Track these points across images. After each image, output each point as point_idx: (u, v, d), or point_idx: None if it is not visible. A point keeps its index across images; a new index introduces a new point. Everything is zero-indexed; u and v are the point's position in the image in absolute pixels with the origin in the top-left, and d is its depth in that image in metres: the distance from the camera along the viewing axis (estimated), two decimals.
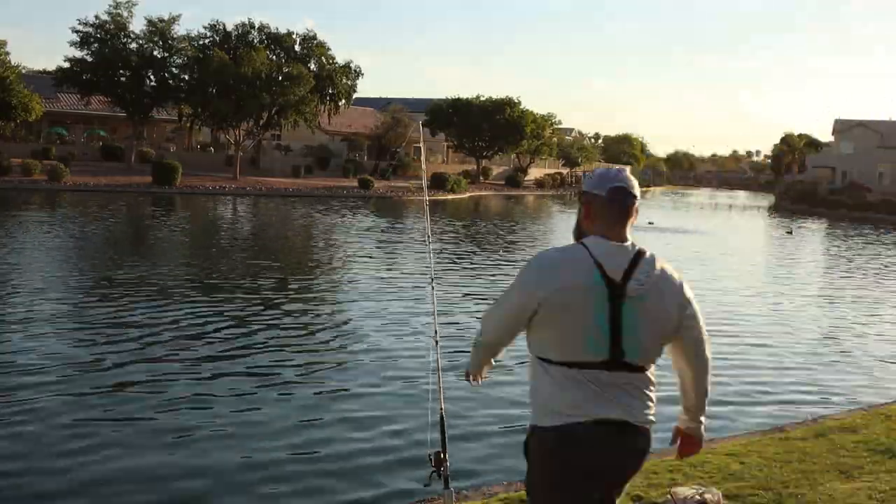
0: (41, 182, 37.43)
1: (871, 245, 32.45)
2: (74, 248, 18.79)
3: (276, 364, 9.30)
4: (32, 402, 7.53)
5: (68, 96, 51.85)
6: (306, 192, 44.40)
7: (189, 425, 7.18)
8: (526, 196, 60.78)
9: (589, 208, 2.81)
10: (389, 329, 11.42)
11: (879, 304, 16.91)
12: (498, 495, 5.55)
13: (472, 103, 64.62)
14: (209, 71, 44.28)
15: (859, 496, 5.19)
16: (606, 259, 2.68)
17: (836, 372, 10.46)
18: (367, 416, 7.65)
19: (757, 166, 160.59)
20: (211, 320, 11.42)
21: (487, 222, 33.66)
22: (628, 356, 2.71)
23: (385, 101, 74.11)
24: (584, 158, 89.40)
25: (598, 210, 2.78)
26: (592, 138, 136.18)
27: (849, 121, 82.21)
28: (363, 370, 9.26)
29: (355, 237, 24.87)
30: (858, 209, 55.47)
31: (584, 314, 2.65)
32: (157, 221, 27.27)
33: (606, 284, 2.65)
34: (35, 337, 9.90)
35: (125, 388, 8.14)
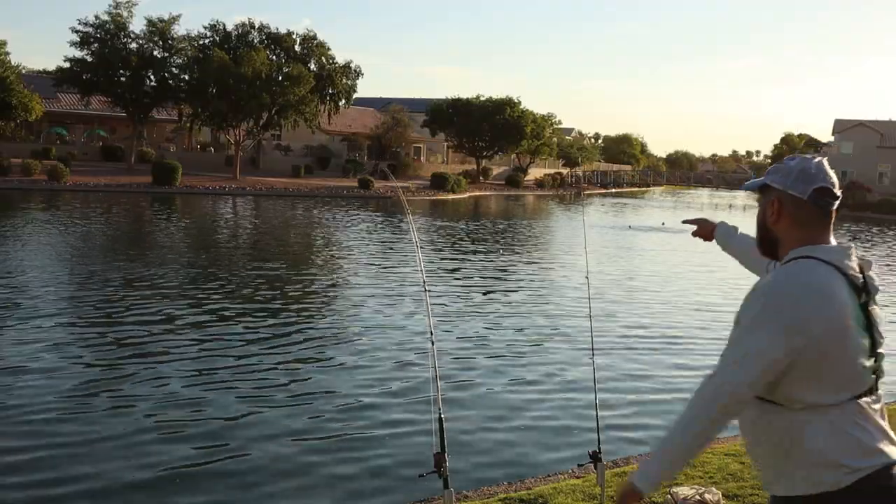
0: (41, 182, 37.44)
1: (871, 245, 32.45)
2: (74, 247, 18.78)
3: (275, 364, 9.30)
4: (33, 402, 7.53)
5: (68, 96, 51.87)
6: (306, 192, 44.41)
7: (188, 425, 7.18)
8: (526, 196, 60.77)
9: (780, 212, 2.33)
10: (389, 329, 11.41)
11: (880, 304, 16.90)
12: (498, 495, 5.55)
13: (472, 103, 64.62)
14: (209, 71, 44.28)
15: None
16: (841, 262, 2.23)
17: None
18: (367, 417, 7.65)
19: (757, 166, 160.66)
20: (210, 320, 11.42)
21: (487, 222, 33.66)
22: (882, 367, 2.25)
23: (385, 101, 74.12)
24: (584, 158, 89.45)
25: (796, 210, 2.31)
26: (592, 138, 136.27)
27: (849, 121, 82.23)
28: (362, 370, 9.25)
29: (355, 237, 24.86)
30: (859, 209, 55.50)
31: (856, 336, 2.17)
32: (157, 221, 27.26)
33: (854, 289, 2.20)
34: (35, 336, 9.89)
35: (125, 388, 8.13)
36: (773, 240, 2.37)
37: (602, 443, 4.70)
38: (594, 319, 8.51)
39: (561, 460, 6.54)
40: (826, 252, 2.23)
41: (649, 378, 9.48)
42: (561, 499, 5.25)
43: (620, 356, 10.44)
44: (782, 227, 2.33)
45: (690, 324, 13.06)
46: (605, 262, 20.66)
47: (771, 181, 2.34)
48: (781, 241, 2.35)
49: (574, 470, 5.96)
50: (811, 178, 2.28)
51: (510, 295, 15.09)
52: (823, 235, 2.29)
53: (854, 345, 2.15)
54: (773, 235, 2.36)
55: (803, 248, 2.26)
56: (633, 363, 10.14)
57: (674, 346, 11.32)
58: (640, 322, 12.89)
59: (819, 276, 2.17)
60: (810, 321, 2.12)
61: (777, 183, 2.32)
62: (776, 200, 2.32)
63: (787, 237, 2.33)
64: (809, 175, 2.29)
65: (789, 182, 2.30)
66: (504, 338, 11.30)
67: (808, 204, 2.28)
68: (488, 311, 13.34)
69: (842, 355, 2.15)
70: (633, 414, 8.11)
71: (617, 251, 24.36)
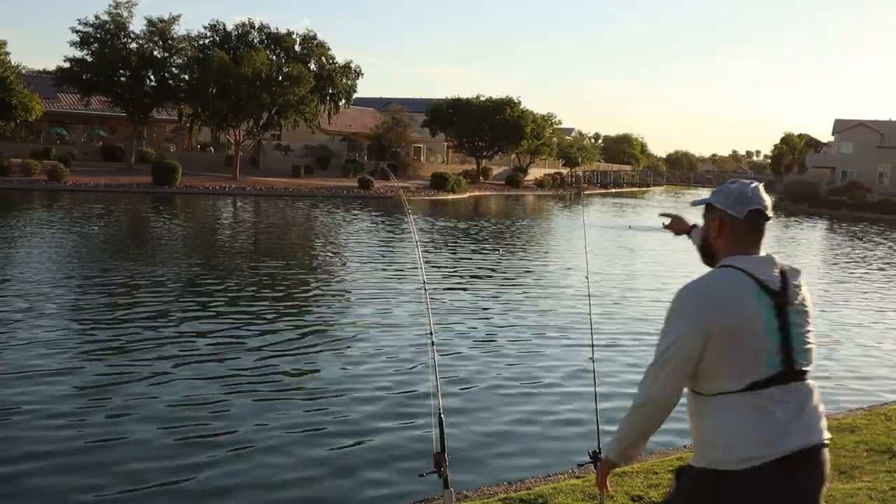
0: (41, 182, 37.44)
1: (872, 245, 32.44)
2: (75, 248, 18.78)
3: (275, 364, 9.30)
4: (32, 400, 7.53)
5: (68, 96, 51.87)
6: (306, 192, 44.40)
7: (187, 424, 7.18)
8: (526, 196, 60.76)
9: (721, 228, 2.69)
10: (389, 329, 11.41)
11: (881, 304, 16.90)
12: (498, 495, 5.54)
13: (472, 103, 64.62)
14: (209, 71, 44.28)
15: (859, 496, 5.19)
16: (760, 271, 2.56)
17: (837, 372, 10.45)
18: (367, 417, 7.65)
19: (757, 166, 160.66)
20: (210, 320, 11.42)
21: (487, 222, 33.65)
22: (798, 363, 2.57)
23: (385, 101, 74.12)
24: (584, 158, 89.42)
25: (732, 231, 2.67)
26: (592, 138, 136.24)
27: (849, 121, 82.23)
28: (362, 371, 9.25)
29: (355, 237, 24.87)
30: (859, 209, 55.49)
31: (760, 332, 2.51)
32: (157, 222, 27.26)
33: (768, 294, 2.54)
34: (35, 336, 9.90)
35: (125, 387, 8.13)
36: (712, 253, 2.74)
37: (602, 443, 4.69)
38: (594, 319, 8.50)
39: (561, 460, 6.54)
40: (744, 262, 2.58)
41: None
42: (561, 499, 5.25)
43: (620, 355, 10.44)
44: (721, 242, 2.69)
45: None
46: (606, 262, 20.66)
47: (714, 201, 2.70)
48: (718, 253, 2.71)
49: (574, 470, 5.96)
50: (748, 200, 2.64)
51: (510, 295, 15.09)
52: (753, 248, 2.64)
53: (754, 340, 2.49)
54: (712, 249, 2.74)
55: (727, 258, 2.63)
56: (632, 362, 10.14)
57: None
58: (639, 321, 12.88)
59: (723, 281, 2.56)
60: (711, 319, 2.49)
61: (719, 203, 2.68)
62: (718, 219, 2.69)
63: (722, 249, 2.69)
64: (746, 198, 2.65)
65: (729, 203, 2.66)
66: (504, 337, 11.30)
67: (744, 223, 2.64)
68: (488, 310, 13.34)
69: (741, 349, 2.49)
70: None
71: (617, 251, 24.36)
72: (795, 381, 2.56)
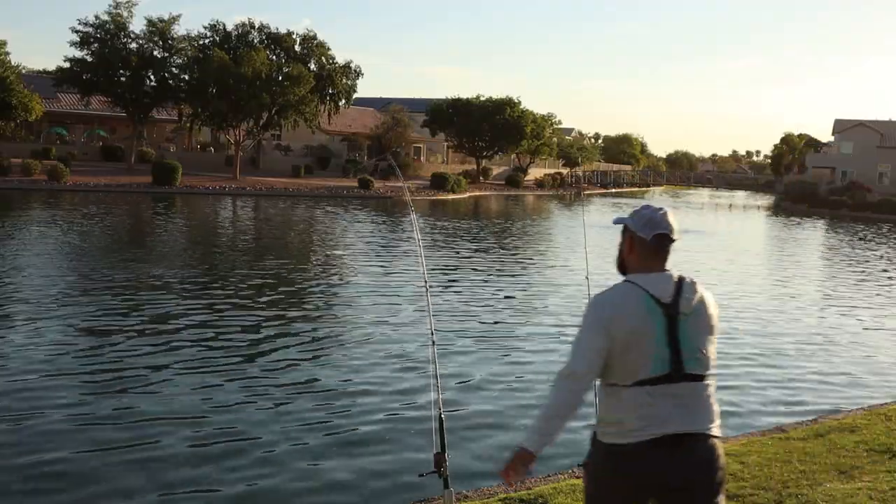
0: (41, 182, 37.44)
1: (872, 246, 32.44)
2: (75, 248, 18.78)
3: (275, 363, 9.30)
4: (32, 400, 7.54)
5: (68, 96, 51.87)
6: (306, 192, 44.40)
7: (187, 424, 7.18)
8: (526, 196, 60.76)
9: (632, 246, 3.16)
10: (389, 329, 11.41)
11: (881, 304, 16.90)
12: (498, 495, 5.55)
13: (472, 103, 64.60)
14: (209, 71, 44.27)
15: (859, 496, 5.19)
16: (653, 287, 3.01)
17: (837, 372, 10.46)
18: (366, 417, 7.65)
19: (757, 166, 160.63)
20: (210, 320, 11.42)
21: (487, 222, 33.66)
22: (687, 367, 2.97)
23: (385, 101, 74.10)
24: (584, 158, 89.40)
25: (640, 249, 3.13)
26: (592, 138, 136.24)
27: (849, 121, 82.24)
28: (362, 370, 9.25)
29: (355, 238, 24.87)
30: (859, 209, 55.47)
31: (646, 339, 2.95)
32: (157, 222, 27.26)
33: (660, 306, 2.97)
34: (35, 336, 9.90)
35: (125, 387, 8.14)
36: (625, 265, 3.21)
37: None
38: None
39: (561, 461, 6.53)
40: (642, 279, 3.05)
41: None
42: (561, 499, 5.25)
43: None
44: (632, 258, 3.15)
45: None
46: (606, 262, 20.62)
47: (628, 223, 3.17)
48: (629, 267, 3.17)
49: (574, 470, 5.96)
50: (655, 225, 3.08)
51: (510, 294, 15.09)
52: (657, 265, 3.09)
53: (644, 345, 2.93)
54: (625, 262, 3.21)
55: (631, 275, 3.11)
56: None
57: None
58: None
59: (619, 294, 3.05)
60: (611, 321, 2.97)
61: (632, 225, 3.14)
62: (630, 238, 3.16)
63: (632, 264, 3.15)
64: (654, 223, 3.09)
65: (639, 227, 3.11)
66: (504, 337, 11.30)
67: (650, 243, 3.08)
68: (488, 310, 13.34)
69: (631, 353, 2.94)
70: None
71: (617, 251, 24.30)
72: (685, 381, 2.95)
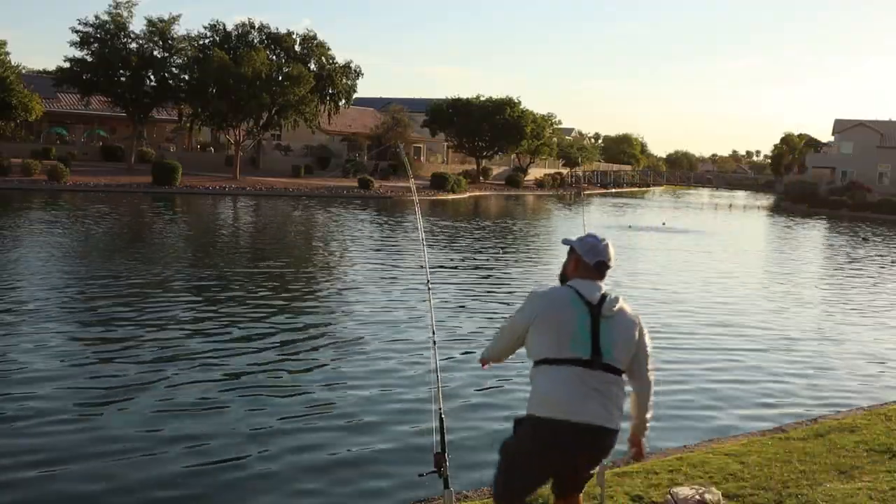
0: (41, 182, 37.42)
1: (872, 245, 32.45)
2: (75, 248, 18.78)
3: (275, 364, 9.30)
4: (33, 399, 7.54)
5: (68, 96, 51.86)
6: (306, 192, 44.40)
7: (188, 425, 7.18)
8: (526, 196, 60.76)
9: (577, 266, 3.85)
10: (389, 330, 11.42)
11: (881, 303, 16.90)
12: None
13: (472, 103, 64.60)
14: (209, 71, 44.26)
15: (859, 496, 5.19)
16: (585, 290, 3.71)
17: (837, 372, 10.46)
18: (367, 417, 7.65)
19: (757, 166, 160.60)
20: (210, 321, 11.42)
21: (488, 222, 33.66)
22: (605, 357, 3.58)
23: (385, 101, 74.09)
24: (584, 158, 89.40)
25: (582, 269, 3.83)
26: (592, 138, 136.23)
27: (849, 121, 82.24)
28: (362, 369, 9.25)
29: (355, 238, 24.86)
30: (859, 209, 55.46)
31: (570, 323, 3.61)
32: (158, 222, 27.25)
33: (586, 304, 3.65)
34: (35, 336, 9.90)
35: (126, 388, 8.14)
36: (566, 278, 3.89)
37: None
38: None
39: None
40: (577, 283, 3.77)
41: None
42: None
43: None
44: (575, 274, 3.84)
45: (688, 322, 13.06)
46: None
47: (576, 246, 3.88)
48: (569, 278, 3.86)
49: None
50: (598, 253, 3.84)
51: (510, 294, 15.08)
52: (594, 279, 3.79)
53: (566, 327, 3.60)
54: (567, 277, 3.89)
55: (570, 281, 3.82)
56: None
57: (671, 344, 11.31)
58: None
59: (554, 290, 3.80)
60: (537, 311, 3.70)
61: (578, 249, 3.87)
62: (575, 259, 3.88)
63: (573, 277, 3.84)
64: (597, 251, 3.84)
65: (584, 252, 3.85)
66: None
67: (591, 267, 3.81)
68: (488, 310, 13.34)
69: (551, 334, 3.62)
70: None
71: (617, 251, 24.29)
72: (603, 371, 3.56)
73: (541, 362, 3.63)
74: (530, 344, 3.73)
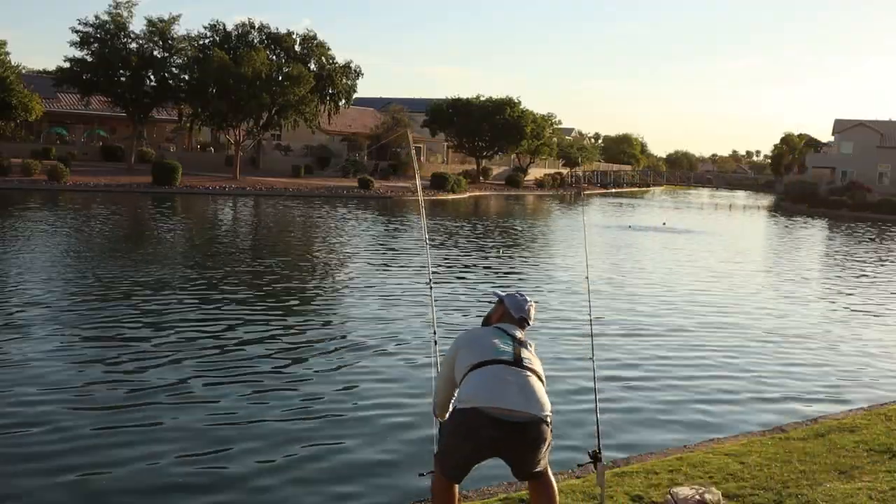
0: (41, 182, 37.43)
1: (872, 245, 32.45)
2: (74, 247, 18.78)
3: (275, 363, 9.30)
4: (32, 400, 7.54)
5: (68, 96, 51.88)
6: (306, 192, 44.40)
7: (189, 425, 7.18)
8: (526, 196, 60.77)
9: (502, 316, 4.50)
10: (389, 328, 11.41)
11: (880, 304, 16.90)
12: (498, 495, 5.55)
13: (472, 103, 64.60)
14: (209, 71, 44.26)
15: (859, 496, 5.19)
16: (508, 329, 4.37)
17: (837, 372, 10.46)
18: (367, 417, 7.65)
19: (757, 166, 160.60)
20: (211, 321, 11.42)
21: (488, 222, 33.66)
22: (525, 363, 4.12)
23: (385, 101, 74.11)
24: (584, 158, 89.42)
25: (507, 319, 4.46)
26: (592, 138, 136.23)
27: (849, 121, 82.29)
28: (363, 369, 9.25)
29: (355, 237, 24.87)
30: (859, 209, 55.46)
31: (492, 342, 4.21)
32: (158, 222, 27.25)
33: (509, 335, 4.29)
34: (35, 336, 9.91)
35: (127, 388, 8.14)
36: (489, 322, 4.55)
37: (602, 443, 4.69)
38: (595, 319, 8.50)
39: (561, 460, 6.53)
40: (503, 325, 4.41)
41: (649, 377, 9.48)
42: (561, 499, 5.23)
43: (620, 355, 10.44)
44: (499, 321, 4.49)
45: (690, 323, 13.06)
46: (606, 262, 20.66)
47: (505, 301, 4.54)
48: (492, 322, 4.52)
49: (574, 470, 5.96)
50: (522, 310, 4.49)
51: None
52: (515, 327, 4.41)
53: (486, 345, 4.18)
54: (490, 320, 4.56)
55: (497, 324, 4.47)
56: (633, 362, 10.15)
57: (673, 344, 11.32)
58: (639, 321, 12.89)
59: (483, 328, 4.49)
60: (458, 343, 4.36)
61: (506, 303, 4.53)
62: (502, 310, 4.53)
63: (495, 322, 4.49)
64: (522, 309, 4.49)
65: (511, 306, 4.51)
66: None
67: (515, 319, 4.46)
68: (488, 310, 13.31)
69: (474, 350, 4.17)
70: (632, 414, 8.11)
71: (617, 251, 24.35)
72: (523, 369, 4.06)
73: (467, 372, 4.07)
74: (457, 369, 4.17)
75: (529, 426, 3.88)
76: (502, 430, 3.85)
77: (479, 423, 3.85)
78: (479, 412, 3.86)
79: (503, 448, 3.94)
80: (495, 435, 3.86)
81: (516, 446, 3.92)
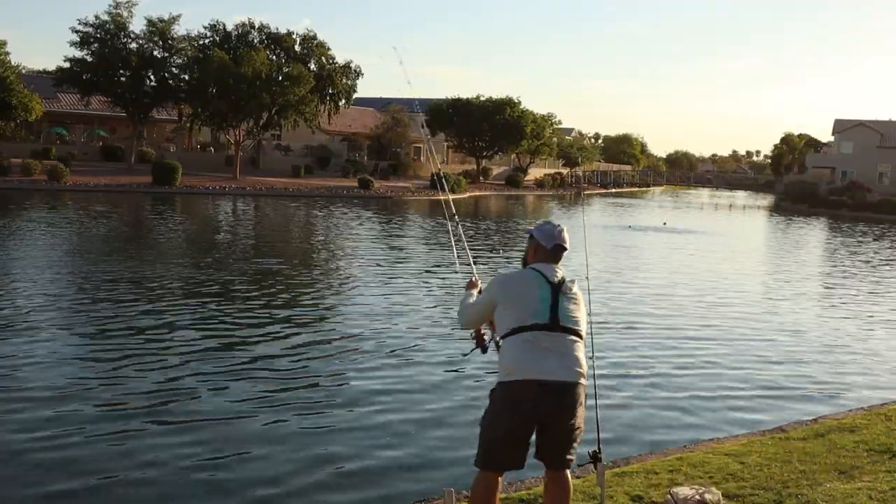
0: (41, 182, 37.42)
1: (872, 245, 32.45)
2: (74, 247, 18.78)
3: (275, 363, 9.30)
4: (33, 400, 7.54)
5: (68, 96, 51.86)
6: (306, 192, 44.41)
7: (189, 424, 7.18)
8: (526, 196, 60.77)
9: (536, 251, 4.31)
10: (390, 327, 11.42)
11: (881, 303, 16.90)
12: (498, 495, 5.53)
13: (472, 103, 64.60)
14: (209, 71, 44.25)
15: (859, 496, 5.19)
16: (546, 272, 4.20)
17: (837, 372, 10.46)
18: (367, 415, 7.65)
19: (757, 166, 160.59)
20: (211, 321, 11.42)
21: (489, 222, 33.66)
22: (563, 322, 4.08)
23: (385, 101, 74.10)
24: (584, 158, 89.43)
25: (542, 254, 4.29)
26: (592, 138, 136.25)
27: (849, 121, 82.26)
28: (363, 369, 9.25)
29: (355, 237, 24.87)
30: (859, 209, 55.46)
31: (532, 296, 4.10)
32: (158, 222, 27.25)
33: (548, 283, 4.15)
34: (35, 336, 9.91)
35: (128, 389, 8.14)
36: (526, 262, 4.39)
37: (602, 443, 4.69)
38: (594, 319, 8.50)
39: None
40: (539, 266, 4.25)
41: (650, 377, 9.47)
42: None
43: (621, 355, 10.44)
44: (534, 260, 4.32)
45: (691, 322, 13.06)
46: (606, 262, 20.66)
47: (535, 234, 4.33)
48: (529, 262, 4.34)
49: (574, 470, 5.95)
50: (554, 237, 4.27)
51: None
52: (551, 262, 4.27)
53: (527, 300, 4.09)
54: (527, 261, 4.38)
55: (532, 264, 4.30)
56: (633, 362, 10.14)
57: (674, 344, 11.32)
58: (640, 321, 12.88)
59: (521, 273, 4.29)
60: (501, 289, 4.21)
61: (536, 236, 4.32)
62: (535, 245, 4.33)
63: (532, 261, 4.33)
64: (553, 236, 4.28)
65: (542, 237, 4.30)
66: None
67: (549, 251, 4.28)
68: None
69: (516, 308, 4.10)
70: (633, 414, 8.11)
71: (617, 250, 24.35)
72: (560, 332, 4.04)
73: (507, 335, 4.08)
74: (498, 320, 4.19)
75: (566, 392, 3.98)
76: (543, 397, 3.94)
77: (524, 395, 3.95)
78: (522, 385, 3.95)
79: (543, 414, 3.98)
80: (537, 402, 3.94)
81: (554, 411, 3.98)
